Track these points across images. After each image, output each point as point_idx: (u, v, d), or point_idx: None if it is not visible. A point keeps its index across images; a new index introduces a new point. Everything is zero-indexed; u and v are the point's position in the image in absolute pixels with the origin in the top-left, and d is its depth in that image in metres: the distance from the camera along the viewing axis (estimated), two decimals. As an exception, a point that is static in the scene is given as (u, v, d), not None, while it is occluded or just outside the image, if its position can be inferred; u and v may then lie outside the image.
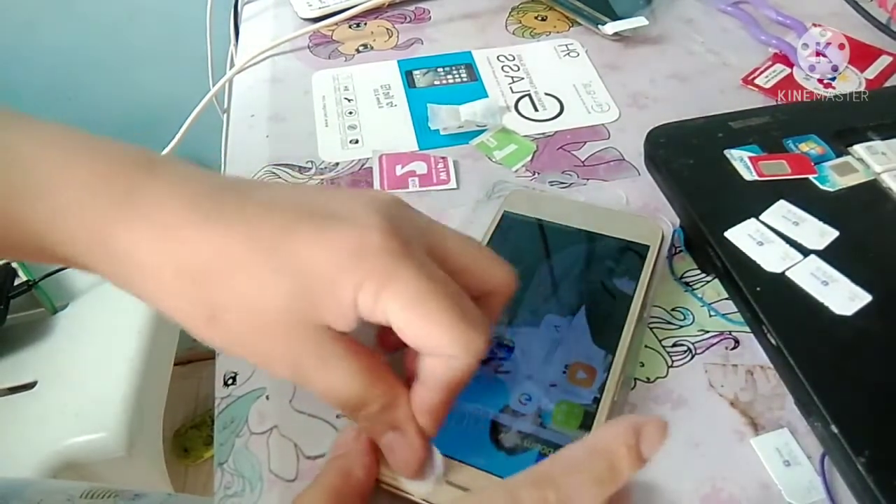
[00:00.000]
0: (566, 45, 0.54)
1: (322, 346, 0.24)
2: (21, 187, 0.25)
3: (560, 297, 0.34)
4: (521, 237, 0.36)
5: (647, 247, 0.35)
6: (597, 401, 0.29)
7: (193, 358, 1.31)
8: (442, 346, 0.24)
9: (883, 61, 0.50)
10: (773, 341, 0.30)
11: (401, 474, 0.26)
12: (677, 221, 0.38)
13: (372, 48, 0.54)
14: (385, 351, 0.27)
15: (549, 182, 0.42)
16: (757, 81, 0.49)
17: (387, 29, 0.56)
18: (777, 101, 0.47)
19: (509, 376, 0.30)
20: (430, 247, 0.26)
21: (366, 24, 0.57)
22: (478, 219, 0.39)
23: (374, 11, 0.57)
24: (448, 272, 0.25)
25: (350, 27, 0.57)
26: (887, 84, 0.48)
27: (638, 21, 0.52)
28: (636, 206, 0.40)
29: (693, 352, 0.33)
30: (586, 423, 0.28)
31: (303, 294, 0.24)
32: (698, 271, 0.37)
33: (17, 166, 0.25)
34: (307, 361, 0.24)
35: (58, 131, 0.27)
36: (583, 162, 0.43)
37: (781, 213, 0.35)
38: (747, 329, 0.34)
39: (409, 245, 0.25)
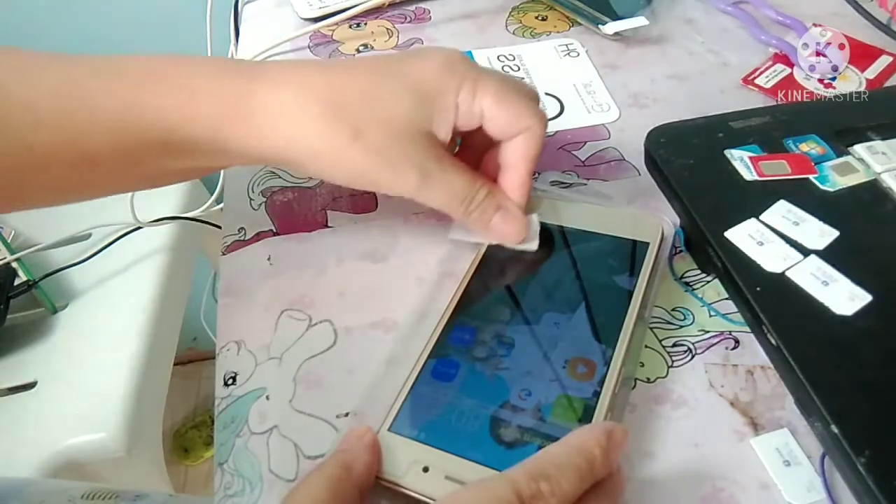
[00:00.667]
0: (566, 45, 0.54)
1: (438, 150, 0.32)
2: (160, 93, 0.30)
3: (560, 294, 0.34)
4: None
5: (647, 244, 0.35)
6: (596, 394, 0.29)
7: (193, 358, 1.31)
8: (524, 119, 0.32)
9: (883, 61, 0.50)
10: (773, 341, 0.30)
11: (512, 243, 0.35)
12: (677, 221, 0.38)
13: (372, 48, 0.54)
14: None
15: (551, 182, 0.42)
16: (757, 81, 0.49)
17: (387, 29, 0.56)
18: (777, 101, 0.47)
19: (509, 372, 0.30)
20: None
21: (366, 24, 0.57)
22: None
23: (375, 11, 0.57)
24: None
25: (350, 27, 0.57)
26: (887, 84, 0.48)
27: (638, 21, 0.52)
28: (636, 206, 0.40)
29: (693, 352, 0.33)
30: (586, 417, 0.28)
31: (422, 102, 0.31)
32: (698, 271, 0.37)
33: (148, 79, 0.30)
34: (430, 164, 0.31)
35: (160, 58, 0.32)
36: (583, 162, 0.43)
37: (781, 213, 0.35)
38: (747, 329, 0.34)
39: (474, 63, 0.33)
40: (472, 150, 0.36)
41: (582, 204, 0.39)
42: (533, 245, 0.35)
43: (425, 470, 0.27)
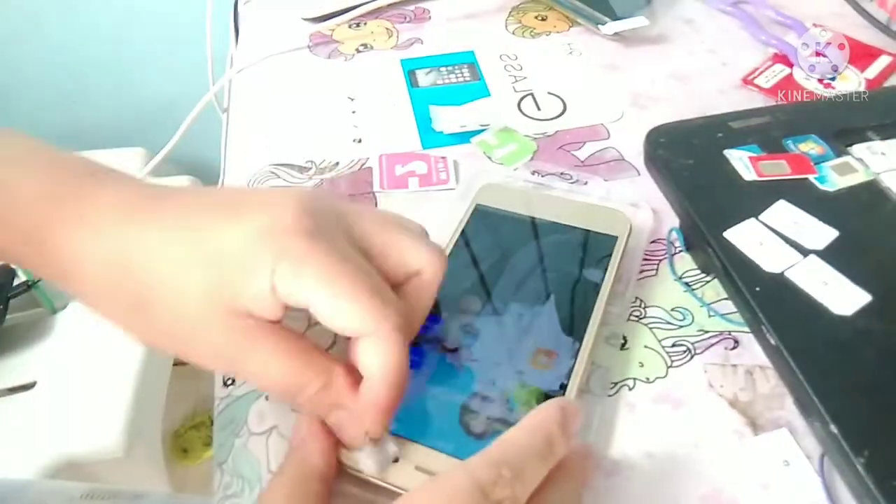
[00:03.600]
0: (566, 45, 0.54)
1: (248, 334, 0.25)
2: None
3: (529, 286, 0.34)
4: (492, 229, 0.37)
5: (616, 238, 0.36)
6: (563, 387, 0.30)
7: (193, 358, 1.30)
8: (353, 322, 0.24)
9: (883, 61, 0.50)
10: (772, 341, 0.30)
11: (353, 448, 0.27)
12: (677, 221, 0.38)
13: (372, 48, 0.54)
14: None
15: (546, 180, 0.42)
16: (757, 81, 0.49)
17: (387, 28, 0.56)
18: (777, 101, 0.47)
19: (477, 364, 0.31)
20: (348, 230, 0.27)
21: (366, 23, 0.57)
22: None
23: (374, 11, 0.57)
24: (369, 255, 0.26)
25: (350, 27, 0.57)
26: (887, 84, 0.48)
27: (638, 21, 0.52)
28: (636, 206, 0.40)
29: (692, 352, 0.33)
30: None
31: (220, 281, 0.24)
32: (698, 271, 0.37)
33: None
34: (235, 351, 0.25)
35: (17, 140, 0.29)
36: (583, 162, 0.43)
37: (781, 213, 0.35)
38: (747, 329, 0.34)
39: (322, 227, 0.25)
40: None
41: (552, 196, 0.39)
42: (373, 470, 0.27)
43: (395, 460, 0.27)
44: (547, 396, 0.29)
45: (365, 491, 0.28)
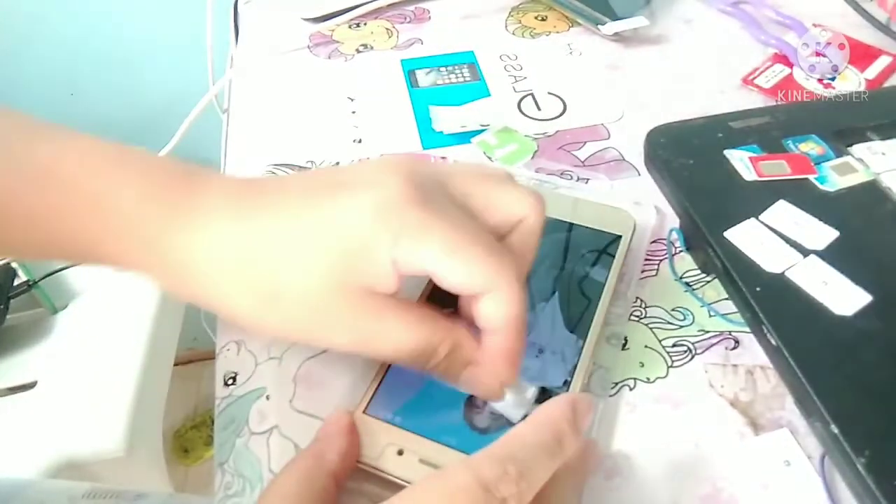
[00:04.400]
0: (566, 45, 0.54)
1: (377, 311, 0.26)
2: (65, 207, 0.27)
3: (534, 284, 0.34)
4: None
5: (620, 237, 0.36)
6: (567, 384, 0.30)
7: (193, 358, 1.31)
8: (477, 281, 0.25)
9: (883, 61, 0.50)
10: (773, 341, 0.30)
11: (492, 400, 0.28)
12: (677, 221, 0.38)
13: (372, 48, 0.54)
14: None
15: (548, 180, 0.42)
16: (757, 81, 0.49)
17: (387, 29, 0.56)
18: (777, 101, 0.47)
19: None
20: (451, 193, 0.27)
21: (366, 23, 0.57)
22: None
23: (374, 11, 0.57)
24: (473, 212, 0.27)
25: (350, 27, 0.57)
26: (887, 84, 0.48)
27: (638, 21, 0.52)
28: (639, 204, 0.40)
29: (693, 352, 0.33)
30: None
31: (344, 263, 0.25)
32: (698, 271, 0.37)
33: (58, 186, 0.27)
34: (366, 326, 0.26)
35: (92, 146, 0.28)
36: (583, 162, 0.43)
37: (781, 213, 0.35)
38: (747, 329, 0.34)
39: (429, 194, 0.26)
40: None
41: (556, 194, 0.39)
42: (515, 414, 0.28)
43: (400, 453, 0.27)
44: (550, 394, 0.29)
45: (367, 483, 0.28)
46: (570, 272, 0.35)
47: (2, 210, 0.27)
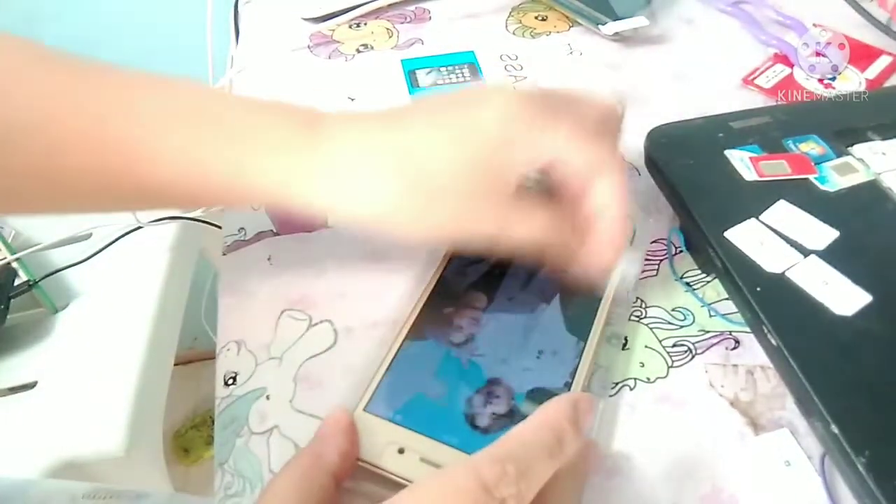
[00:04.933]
0: (567, 45, 0.54)
1: (516, 198, 0.30)
2: (160, 139, 0.29)
3: (535, 285, 0.34)
4: None
5: None
6: (567, 385, 0.30)
7: (193, 358, 1.31)
8: (594, 164, 0.29)
9: (883, 61, 0.50)
10: (773, 341, 0.30)
11: (604, 273, 0.32)
12: (678, 221, 0.38)
13: (372, 48, 0.54)
14: None
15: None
16: (757, 81, 0.49)
17: (387, 29, 0.56)
18: (777, 101, 0.47)
19: (484, 359, 0.31)
20: (559, 99, 0.32)
21: (366, 23, 0.57)
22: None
23: (375, 11, 0.57)
24: (578, 113, 0.31)
25: (350, 27, 0.57)
26: (887, 84, 0.48)
27: (638, 21, 0.52)
28: (636, 206, 0.40)
29: (693, 352, 0.33)
30: None
31: (488, 155, 0.29)
32: (698, 271, 0.37)
33: (210, 120, 0.30)
34: (511, 215, 0.30)
35: (227, 95, 0.33)
36: (583, 162, 0.43)
37: (781, 213, 0.35)
38: (747, 329, 0.34)
39: (542, 102, 0.30)
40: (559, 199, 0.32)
41: None
42: (630, 284, 0.34)
43: (400, 452, 0.27)
44: (554, 395, 0.29)
45: (367, 482, 0.28)
46: (572, 273, 0.35)
47: (71, 143, 0.28)
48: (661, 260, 0.37)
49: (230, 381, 0.33)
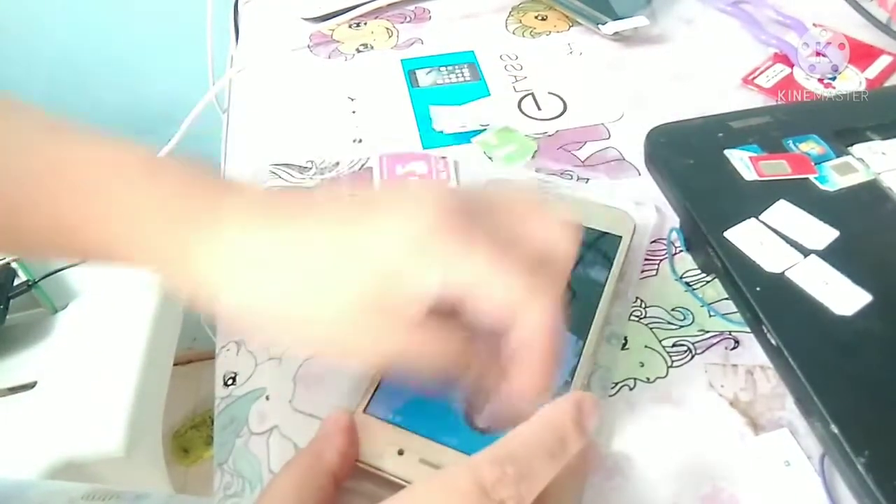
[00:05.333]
0: (567, 45, 0.54)
1: (409, 328, 0.25)
2: (88, 209, 0.27)
3: None
4: None
5: (620, 237, 0.36)
6: (567, 384, 0.30)
7: (193, 358, 1.31)
8: (515, 299, 0.25)
9: (883, 61, 0.50)
10: (773, 341, 0.30)
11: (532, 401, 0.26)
12: (678, 221, 0.38)
13: (372, 48, 0.54)
14: None
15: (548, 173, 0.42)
16: (757, 81, 0.49)
17: (387, 28, 0.56)
18: (777, 100, 0.47)
19: None
20: (483, 219, 0.26)
21: (366, 23, 0.57)
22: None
23: (374, 11, 0.57)
24: (509, 237, 0.26)
25: (350, 27, 0.57)
26: (887, 84, 0.48)
27: (638, 21, 0.52)
28: (640, 204, 0.40)
29: (693, 352, 0.33)
30: None
31: (380, 284, 0.25)
32: (698, 271, 0.37)
33: (85, 178, 0.28)
34: (399, 345, 0.26)
35: (117, 144, 0.29)
36: (583, 161, 0.43)
37: (781, 213, 0.35)
38: (747, 329, 0.34)
39: (465, 222, 0.26)
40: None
41: (557, 195, 0.39)
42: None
43: (400, 453, 0.27)
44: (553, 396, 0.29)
45: (367, 483, 0.27)
46: (571, 273, 0.35)
47: (27, 208, 0.27)
48: (661, 260, 0.37)
49: (230, 382, 0.33)
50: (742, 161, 0.38)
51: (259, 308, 0.26)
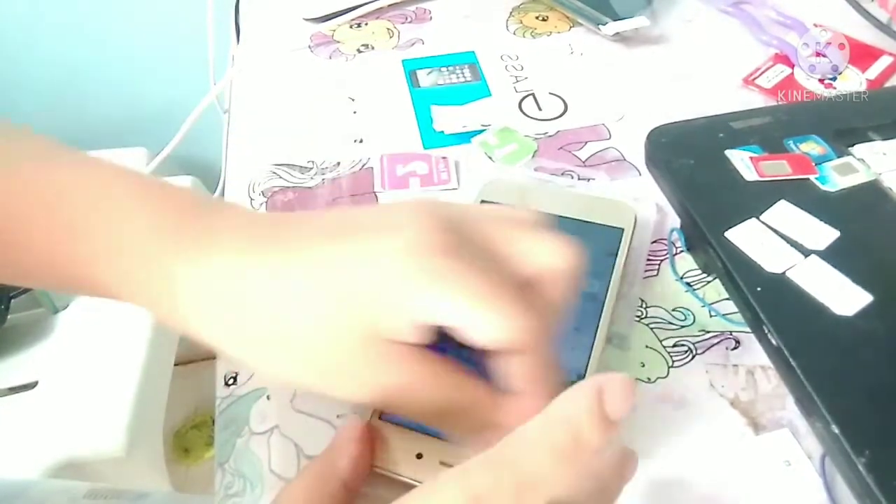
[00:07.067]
0: (567, 45, 0.54)
1: (397, 362, 0.24)
2: (72, 231, 0.26)
3: None
4: None
5: (622, 230, 0.36)
6: (581, 378, 0.30)
7: (194, 358, 1.30)
8: (504, 339, 0.23)
9: (884, 61, 0.50)
10: (773, 341, 0.30)
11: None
12: (678, 221, 0.38)
13: (373, 48, 0.54)
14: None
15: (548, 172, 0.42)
16: (757, 81, 0.49)
17: (387, 29, 0.56)
18: (778, 101, 0.47)
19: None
20: (476, 238, 0.25)
21: (367, 23, 0.57)
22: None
23: (375, 11, 0.57)
24: (498, 259, 0.25)
25: (351, 27, 0.57)
26: (888, 84, 0.48)
27: (638, 21, 0.52)
28: (639, 200, 0.40)
29: (694, 352, 0.33)
30: None
31: (363, 313, 0.23)
32: (699, 271, 0.37)
33: (67, 209, 0.26)
34: (386, 381, 0.24)
35: (105, 171, 0.28)
36: (583, 162, 0.43)
37: (782, 213, 0.35)
38: (748, 329, 0.34)
39: (455, 241, 0.24)
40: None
41: (557, 190, 0.39)
42: None
43: (419, 457, 0.27)
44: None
45: (385, 489, 0.27)
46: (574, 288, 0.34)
47: (8, 234, 0.26)
48: (662, 260, 0.37)
49: (230, 381, 0.33)
50: (743, 161, 0.38)
51: (241, 348, 0.25)
